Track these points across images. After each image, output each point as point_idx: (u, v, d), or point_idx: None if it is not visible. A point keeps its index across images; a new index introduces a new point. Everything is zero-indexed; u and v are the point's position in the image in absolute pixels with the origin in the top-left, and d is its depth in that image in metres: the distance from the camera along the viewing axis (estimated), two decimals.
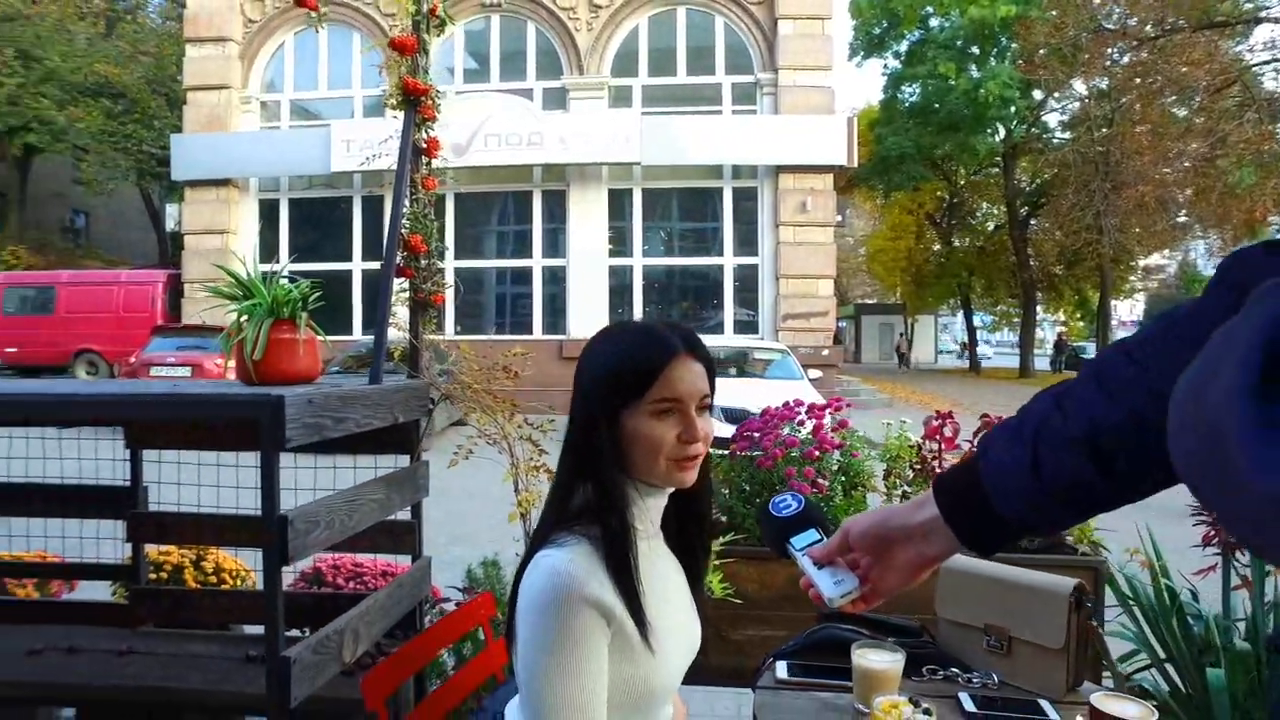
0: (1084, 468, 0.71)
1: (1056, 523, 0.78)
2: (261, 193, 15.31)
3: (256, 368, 1.76)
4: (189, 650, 2.19)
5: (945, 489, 0.83)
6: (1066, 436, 0.71)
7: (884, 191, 23.36)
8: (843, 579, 0.91)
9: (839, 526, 0.94)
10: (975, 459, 0.80)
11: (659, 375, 1.12)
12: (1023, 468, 0.74)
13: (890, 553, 0.87)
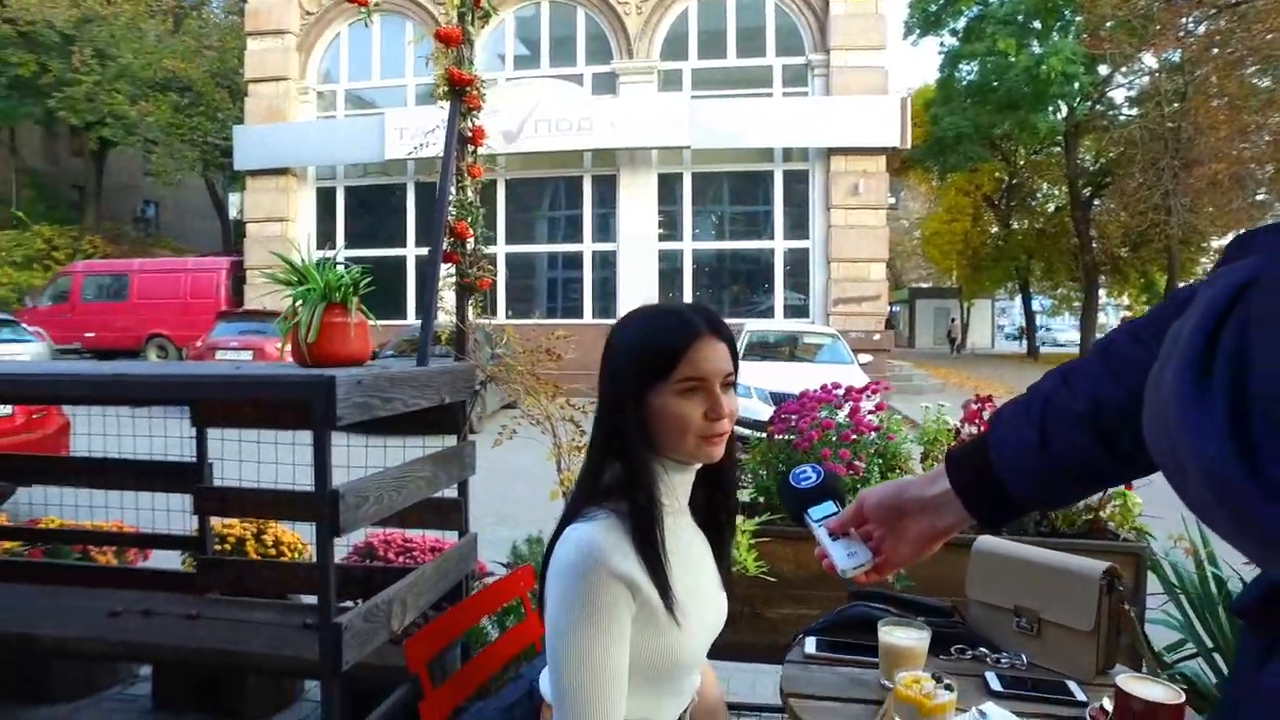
0: (1088, 444, 0.72)
1: (1063, 496, 0.79)
2: (319, 181, 15.72)
3: (310, 350, 1.85)
4: (251, 617, 2.32)
5: (957, 463, 0.85)
6: (1072, 413, 0.73)
7: (940, 173, 22.78)
8: (856, 551, 0.94)
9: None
10: (986, 434, 0.82)
11: (684, 355, 1.15)
12: (1030, 443, 0.75)
13: (903, 524, 0.90)
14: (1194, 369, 0.39)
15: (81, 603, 2.39)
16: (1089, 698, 1.34)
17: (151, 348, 15.17)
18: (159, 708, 2.66)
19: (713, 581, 1.31)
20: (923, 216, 33.12)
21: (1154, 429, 0.44)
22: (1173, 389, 0.40)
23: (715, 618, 1.30)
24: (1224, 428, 0.36)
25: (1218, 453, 0.36)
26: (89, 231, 21.02)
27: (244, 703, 2.57)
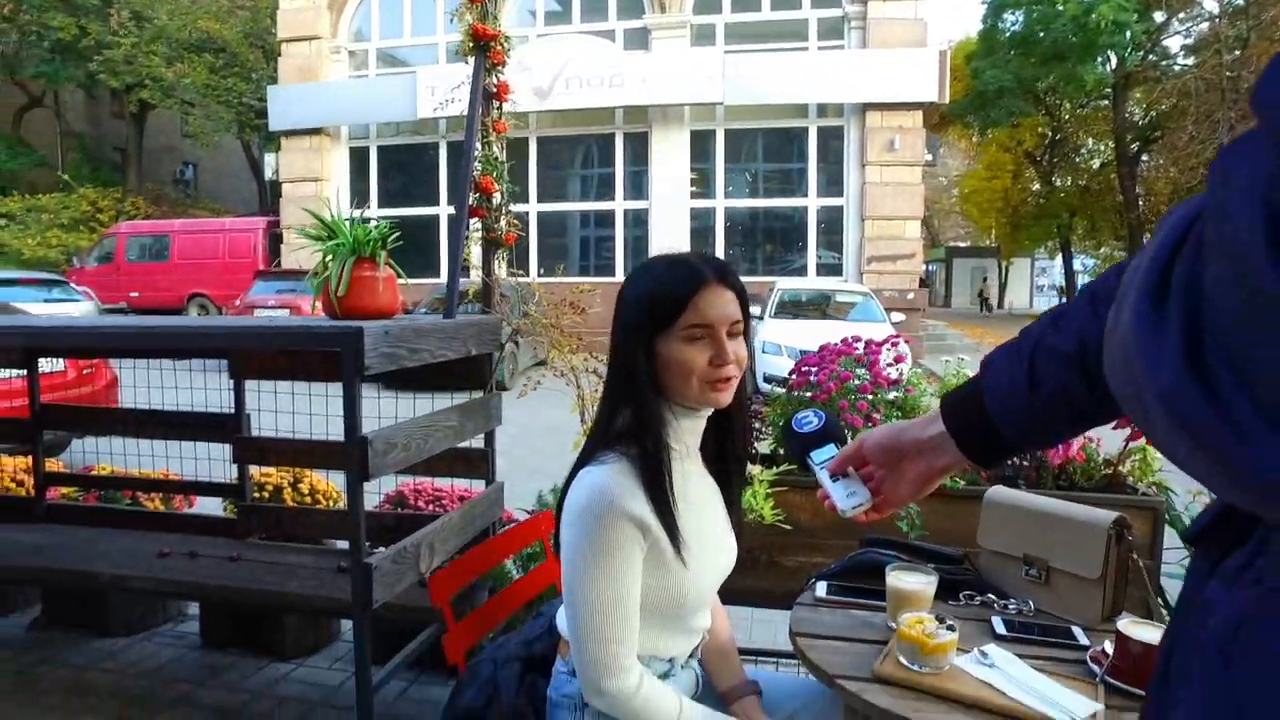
0: (1075, 383, 0.74)
1: (1051, 436, 0.81)
2: (352, 140, 15.79)
3: (340, 303, 1.91)
4: (288, 560, 2.43)
5: (951, 406, 0.87)
6: (1060, 353, 0.75)
7: (980, 128, 22.13)
8: (855, 491, 0.98)
9: None
10: (979, 378, 0.84)
11: (689, 302, 1.19)
12: (1020, 383, 0.78)
13: (901, 465, 0.93)
14: (1149, 299, 0.39)
15: (133, 544, 2.53)
16: (1091, 642, 1.36)
17: (193, 307, 15.55)
18: (206, 644, 2.81)
19: (721, 526, 1.35)
20: (961, 173, 32.32)
21: (1117, 370, 0.45)
22: (1130, 324, 0.40)
23: (723, 561, 1.35)
24: (1180, 357, 0.36)
25: (1174, 382, 0.37)
26: (131, 193, 21.45)
27: (284, 641, 2.71)
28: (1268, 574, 0.42)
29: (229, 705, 2.42)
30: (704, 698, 1.39)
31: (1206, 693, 0.42)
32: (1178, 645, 0.51)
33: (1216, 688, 0.41)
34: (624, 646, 1.19)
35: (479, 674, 1.33)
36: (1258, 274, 0.31)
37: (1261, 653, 0.40)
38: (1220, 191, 0.36)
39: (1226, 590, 0.45)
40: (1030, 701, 1.14)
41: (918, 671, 1.21)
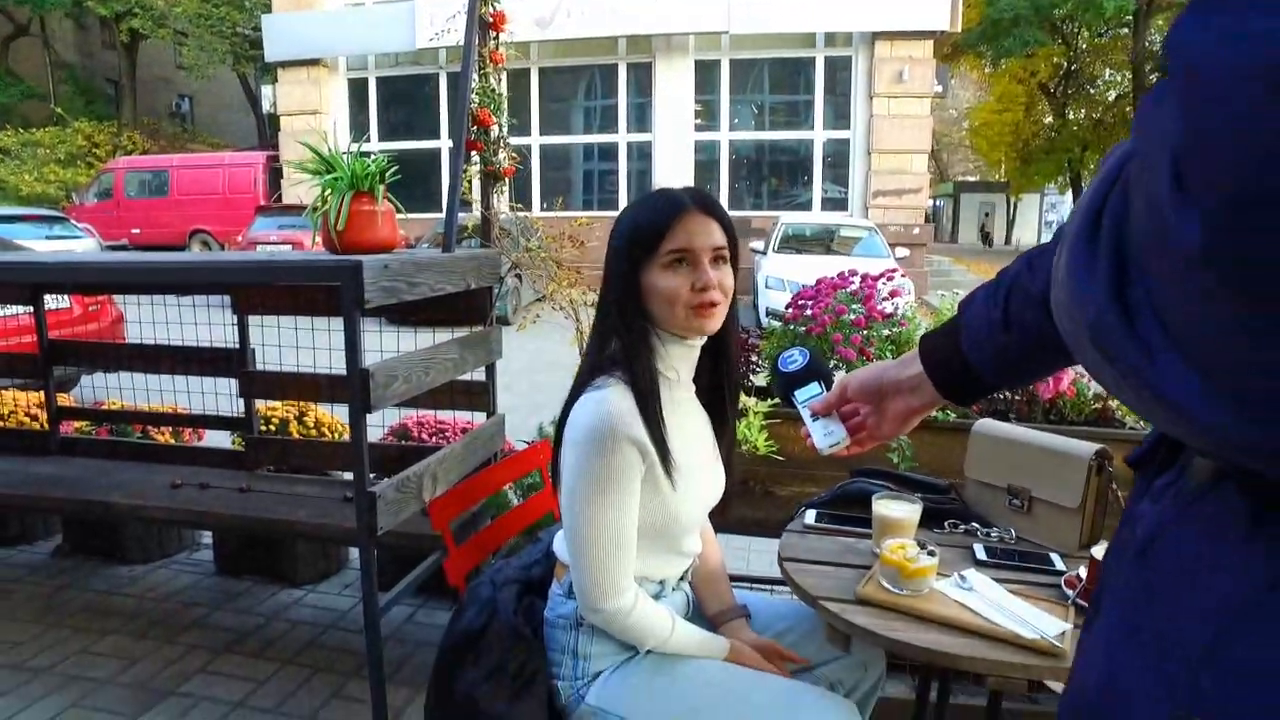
0: (1046, 322, 0.76)
1: (1026, 374, 0.84)
2: (350, 71, 15.46)
3: (340, 237, 1.92)
4: (296, 491, 2.50)
5: (929, 345, 0.90)
6: (1031, 293, 0.77)
7: (993, 59, 21.52)
8: (833, 430, 1.03)
9: None
10: (957, 318, 0.86)
11: (668, 229, 1.22)
12: (994, 323, 0.80)
13: (884, 404, 0.97)
14: (1083, 238, 0.41)
15: (146, 476, 2.60)
16: (1068, 568, 1.42)
17: (195, 243, 15.49)
18: (220, 571, 2.91)
19: (711, 454, 1.39)
20: (972, 106, 31.58)
21: (1060, 308, 0.46)
22: (1066, 263, 0.42)
23: (712, 488, 1.39)
24: (1106, 289, 0.38)
25: (1100, 311, 0.38)
26: (126, 127, 21.11)
27: (296, 568, 2.80)
28: (1184, 489, 0.46)
29: (244, 627, 2.53)
30: (694, 621, 1.45)
31: (1125, 588, 0.46)
32: (1110, 555, 0.55)
33: (1134, 584, 0.45)
34: (622, 567, 1.24)
35: (479, 596, 1.39)
36: (1167, 217, 0.33)
37: (1171, 554, 0.43)
38: (1141, 139, 0.37)
39: (1154, 505, 0.49)
40: (1003, 621, 1.19)
41: (898, 594, 1.26)
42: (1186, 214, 0.31)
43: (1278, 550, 0.38)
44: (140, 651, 2.38)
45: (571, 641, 1.35)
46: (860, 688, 1.46)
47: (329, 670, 2.31)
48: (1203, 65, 0.30)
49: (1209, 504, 0.43)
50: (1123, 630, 0.45)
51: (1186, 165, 0.31)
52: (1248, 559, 0.38)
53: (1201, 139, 0.31)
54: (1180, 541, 0.43)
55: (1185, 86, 0.32)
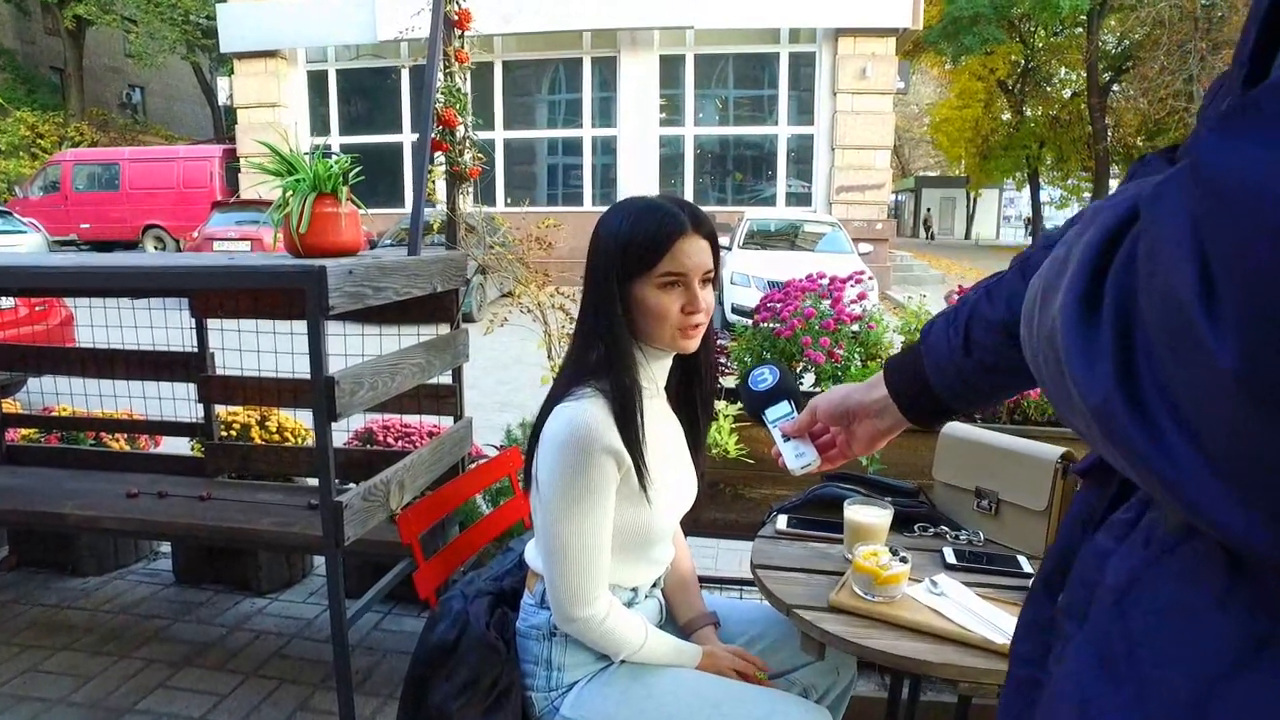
0: (1005, 347, 0.79)
1: (987, 398, 0.86)
2: (309, 64, 15.16)
3: (302, 240, 1.87)
4: (259, 498, 2.45)
5: (893, 370, 0.92)
6: (991, 320, 0.79)
7: (953, 56, 21.83)
8: (804, 452, 1.06)
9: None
10: (918, 344, 0.88)
11: (666, 250, 1.21)
12: (955, 348, 0.82)
13: (852, 426, 0.99)
14: (1080, 305, 0.39)
15: (101, 485, 2.52)
16: (1034, 570, 1.44)
17: (148, 239, 15.07)
18: (179, 581, 2.84)
19: (684, 462, 1.39)
20: (933, 102, 32.04)
21: (1041, 349, 0.44)
22: (1060, 327, 0.39)
23: (685, 496, 1.39)
24: (1113, 375, 0.36)
25: (1105, 399, 0.36)
26: (74, 118, 20.43)
27: (259, 577, 2.74)
28: (1154, 537, 0.46)
29: (206, 639, 2.47)
30: (665, 627, 1.45)
31: (1102, 636, 0.46)
32: (1071, 581, 0.55)
33: (1113, 632, 0.45)
34: (596, 575, 1.24)
35: (450, 609, 1.37)
36: (1198, 331, 0.31)
37: (1149, 604, 0.43)
38: (1150, 223, 0.36)
39: (1119, 544, 0.49)
40: (975, 626, 1.21)
41: (871, 601, 1.27)
42: (1220, 330, 0.31)
43: (1260, 603, 0.38)
44: (94, 668, 2.31)
45: (545, 652, 1.34)
46: (833, 691, 1.48)
47: (295, 681, 2.26)
48: (1247, 187, 0.30)
49: (1186, 553, 0.43)
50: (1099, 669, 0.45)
51: (1225, 287, 0.30)
52: (1230, 614, 0.38)
53: (1244, 260, 0.30)
54: (1157, 592, 0.43)
55: (1224, 207, 0.31)
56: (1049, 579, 0.66)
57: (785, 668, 1.46)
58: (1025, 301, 0.49)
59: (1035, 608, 0.67)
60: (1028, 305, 0.48)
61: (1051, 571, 0.66)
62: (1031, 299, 0.47)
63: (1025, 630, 0.68)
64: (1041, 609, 0.67)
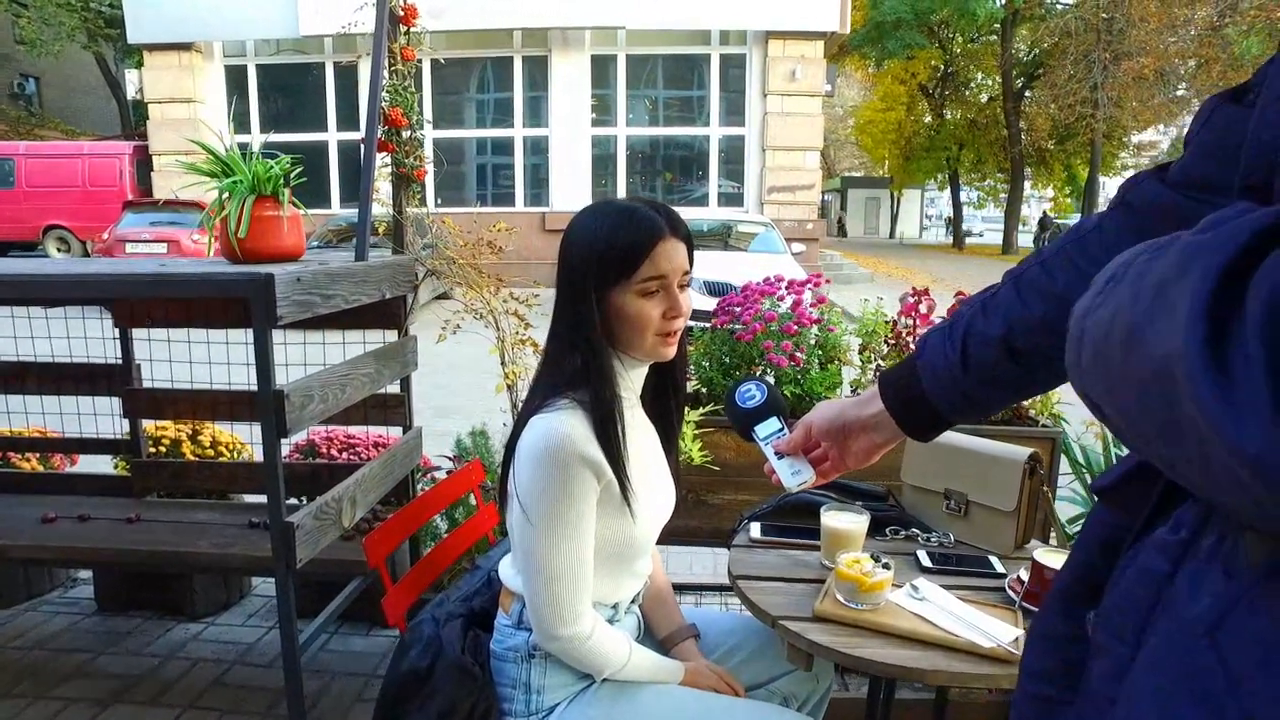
0: (1003, 362, 0.80)
1: (985, 409, 0.86)
2: (227, 58, 14.51)
3: (241, 246, 1.77)
4: (193, 518, 2.31)
5: (889, 385, 0.92)
6: (988, 335, 0.80)
7: (877, 60, 22.50)
8: (800, 469, 1.05)
9: (806, 409, 1.04)
10: (913, 358, 0.88)
11: (646, 256, 1.17)
12: (953, 363, 0.82)
13: (847, 441, 0.99)
14: (1210, 347, 0.36)
15: (11, 509, 2.33)
16: (1007, 570, 1.46)
17: (50, 240, 14.18)
18: (102, 610, 2.65)
19: (662, 470, 1.36)
20: (857, 104, 32.88)
21: (1133, 390, 0.41)
22: (1190, 366, 0.36)
23: (665, 505, 1.36)
24: (1269, 416, 0.34)
25: (1266, 446, 0.34)
26: None
27: (192, 600, 2.58)
28: (1237, 568, 0.44)
29: (135, 671, 2.31)
30: (644, 642, 1.41)
31: (1189, 667, 0.44)
32: (1113, 600, 0.53)
33: (1206, 669, 0.43)
34: (580, 592, 1.19)
35: (421, 634, 1.31)
36: None
37: (1248, 639, 0.41)
38: None
39: (1178, 567, 0.47)
40: (959, 630, 1.21)
41: (855, 609, 1.26)
42: None
43: None
44: (6, 712, 2.12)
45: (523, 675, 1.29)
46: (813, 698, 1.47)
47: (238, 711, 2.13)
48: None
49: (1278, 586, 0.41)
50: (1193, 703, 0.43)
51: None
52: None
53: None
54: (1259, 628, 0.41)
55: None
56: (1068, 594, 0.65)
57: (764, 677, 1.44)
58: (1086, 334, 0.46)
59: (1051, 622, 0.66)
60: (1095, 340, 0.46)
61: (1070, 587, 0.65)
62: (1101, 335, 0.44)
63: (1040, 645, 0.67)
64: (1058, 624, 0.65)
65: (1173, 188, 0.68)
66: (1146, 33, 16.23)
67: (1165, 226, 0.69)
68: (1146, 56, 16.19)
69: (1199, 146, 0.65)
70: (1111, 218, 0.74)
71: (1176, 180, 0.67)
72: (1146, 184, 0.71)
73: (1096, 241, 0.74)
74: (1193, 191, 0.66)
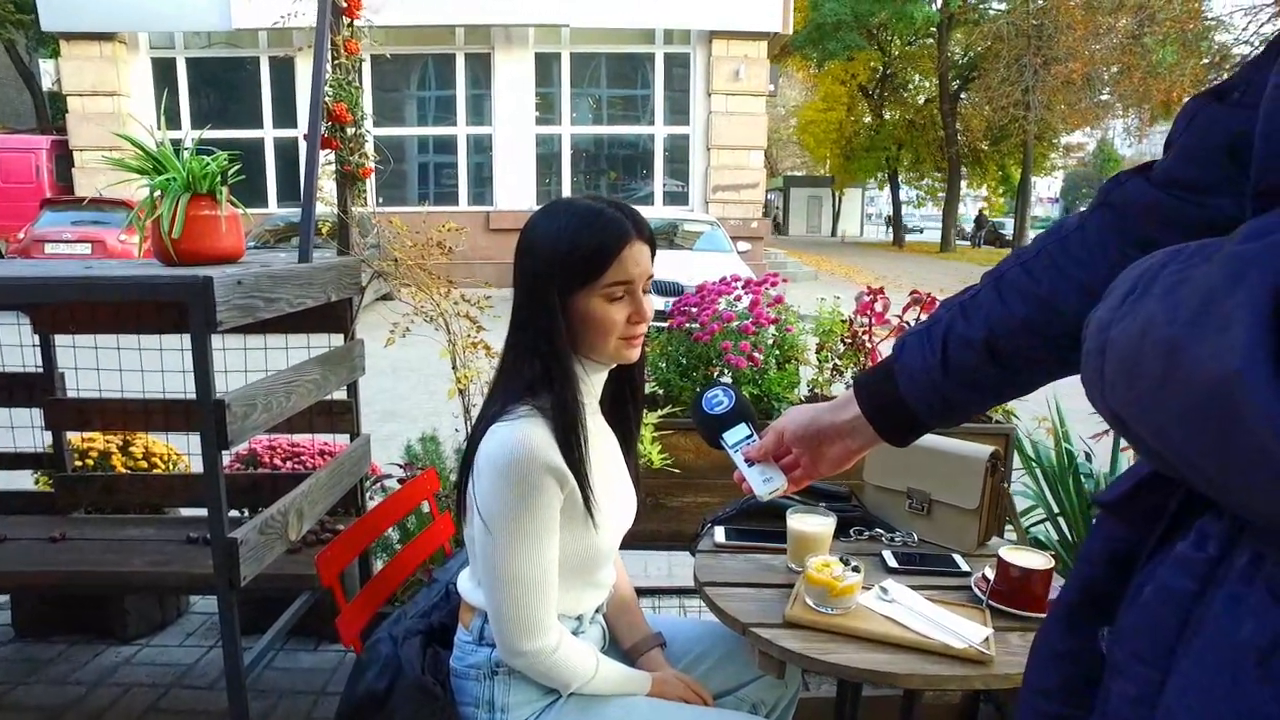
0: (984, 365, 0.78)
1: (965, 413, 0.85)
2: (154, 50, 13.91)
3: (176, 247, 1.67)
4: (125, 534, 2.18)
5: (866, 390, 0.90)
6: (970, 337, 0.78)
7: (818, 61, 22.85)
8: (771, 476, 1.02)
9: (764, 410, 1.01)
10: (891, 362, 0.86)
11: (614, 260, 1.14)
12: (933, 366, 0.81)
13: (821, 448, 0.97)
14: (1275, 363, 0.34)
15: None
16: (971, 568, 1.46)
17: None
18: (21, 636, 2.48)
19: (623, 476, 1.33)
20: (799, 104, 33.36)
21: (1176, 405, 0.39)
22: (1253, 382, 0.35)
23: (626, 512, 1.33)
24: None
25: None
26: None
27: (122, 623, 2.44)
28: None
29: (61, 700, 2.17)
30: (609, 653, 1.37)
31: (1238, 691, 0.42)
32: (1131, 619, 0.51)
33: (1260, 697, 0.41)
34: (545, 604, 1.15)
35: (378, 654, 1.24)
36: None
37: None
38: None
39: (1207, 587, 0.45)
40: (931, 632, 1.20)
41: (827, 613, 1.25)
42: None
43: None
44: None
45: (486, 693, 1.24)
46: (781, 703, 1.45)
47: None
48: None
49: None
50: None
51: None
52: None
53: None
54: None
55: None
56: (1073, 610, 0.63)
57: (733, 684, 1.42)
58: (1110, 348, 0.44)
59: (1057, 639, 0.64)
60: (1122, 355, 0.43)
61: (1076, 602, 0.63)
62: (1130, 349, 0.42)
63: (1047, 662, 0.65)
64: (1065, 640, 0.64)
65: (1158, 186, 0.67)
66: (1074, 39, 16.83)
67: (1149, 225, 0.69)
68: (1074, 62, 16.78)
69: (1183, 147, 0.65)
70: (1094, 218, 0.73)
71: (1161, 179, 0.67)
72: (1130, 183, 0.70)
73: (1079, 242, 0.73)
74: (1177, 191, 0.65)
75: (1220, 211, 0.61)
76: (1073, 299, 0.72)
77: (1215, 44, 16.92)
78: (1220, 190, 0.61)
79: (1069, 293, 0.73)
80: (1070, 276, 0.73)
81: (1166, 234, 0.67)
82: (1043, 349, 0.76)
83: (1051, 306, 0.74)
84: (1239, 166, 0.59)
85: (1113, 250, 0.70)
